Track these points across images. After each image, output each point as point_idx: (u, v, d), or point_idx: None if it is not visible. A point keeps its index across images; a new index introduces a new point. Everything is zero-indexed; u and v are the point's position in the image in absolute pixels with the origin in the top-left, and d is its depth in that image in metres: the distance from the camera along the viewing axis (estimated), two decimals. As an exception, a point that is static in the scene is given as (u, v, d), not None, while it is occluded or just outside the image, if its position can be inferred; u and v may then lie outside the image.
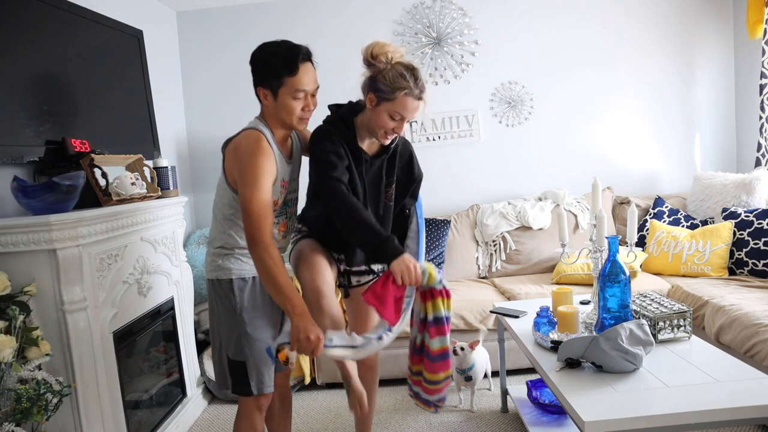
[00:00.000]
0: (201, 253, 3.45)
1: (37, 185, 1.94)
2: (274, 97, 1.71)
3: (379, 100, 1.75)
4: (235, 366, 1.79)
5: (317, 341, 1.57)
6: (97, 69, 2.50)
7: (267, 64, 1.68)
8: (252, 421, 1.83)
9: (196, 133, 3.80)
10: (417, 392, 1.92)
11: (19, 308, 1.78)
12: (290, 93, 1.69)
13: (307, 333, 1.57)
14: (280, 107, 1.72)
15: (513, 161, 3.82)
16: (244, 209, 1.63)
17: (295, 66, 1.67)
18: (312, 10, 3.74)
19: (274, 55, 1.68)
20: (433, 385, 1.84)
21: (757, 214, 3.03)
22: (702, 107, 3.80)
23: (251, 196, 1.62)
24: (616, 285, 1.91)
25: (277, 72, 1.67)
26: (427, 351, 1.80)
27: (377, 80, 1.74)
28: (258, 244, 1.60)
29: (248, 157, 1.66)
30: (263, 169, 1.65)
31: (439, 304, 1.76)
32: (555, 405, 2.38)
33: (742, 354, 2.31)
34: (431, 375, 1.82)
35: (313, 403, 2.91)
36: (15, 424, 1.67)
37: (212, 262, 1.81)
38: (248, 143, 1.68)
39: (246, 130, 1.74)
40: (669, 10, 3.72)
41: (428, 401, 1.90)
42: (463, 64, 3.77)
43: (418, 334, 1.84)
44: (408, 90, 1.72)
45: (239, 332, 1.77)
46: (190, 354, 2.89)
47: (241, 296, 1.77)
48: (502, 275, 3.52)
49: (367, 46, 1.77)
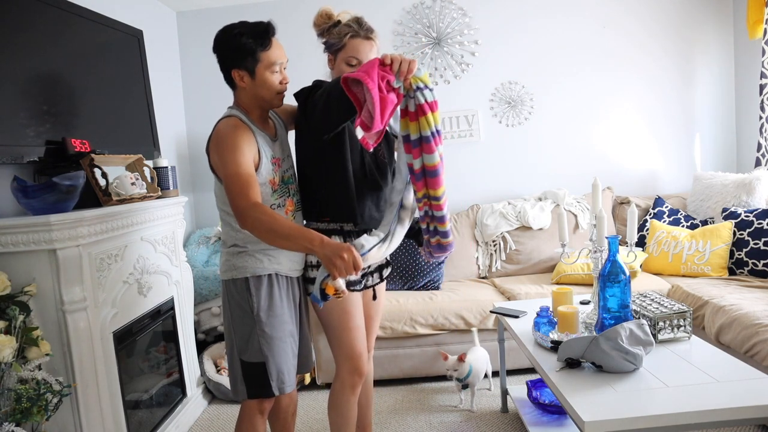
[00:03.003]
0: (201, 253, 3.45)
1: (37, 185, 1.94)
2: (251, 76, 1.71)
3: (334, 55, 1.86)
4: (252, 368, 1.76)
5: (351, 255, 1.50)
6: (97, 69, 2.50)
7: (238, 44, 1.68)
8: (254, 423, 1.82)
9: (196, 133, 3.81)
10: (432, 231, 1.86)
11: (19, 308, 1.78)
12: (267, 68, 1.71)
13: (339, 253, 1.49)
14: (258, 85, 1.72)
15: (513, 161, 3.82)
16: (226, 186, 1.62)
17: (267, 40, 1.70)
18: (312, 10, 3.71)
19: (243, 35, 1.68)
20: (440, 200, 1.79)
21: (757, 214, 3.03)
22: (702, 107, 3.81)
23: (229, 172, 1.61)
24: (616, 285, 1.91)
25: (250, 49, 1.68)
26: (428, 169, 1.73)
27: (327, 40, 1.87)
28: (245, 209, 1.57)
29: (223, 139, 1.66)
30: (238, 144, 1.64)
31: (431, 119, 1.67)
32: (555, 405, 2.38)
33: (742, 354, 2.32)
34: (436, 190, 1.76)
35: (313, 403, 2.91)
36: (15, 424, 1.67)
37: (227, 262, 1.80)
38: (221, 128, 1.69)
39: (219, 121, 1.74)
40: (669, 10, 3.72)
41: (448, 244, 1.87)
42: (463, 64, 3.77)
43: (414, 160, 1.75)
44: (353, 32, 1.82)
45: (257, 333, 1.75)
46: (190, 354, 2.89)
47: (258, 295, 1.75)
48: (502, 275, 3.52)
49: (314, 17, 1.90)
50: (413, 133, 1.70)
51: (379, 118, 1.53)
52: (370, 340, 2.13)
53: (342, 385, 1.93)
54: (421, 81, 1.64)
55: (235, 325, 1.78)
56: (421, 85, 1.64)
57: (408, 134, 1.71)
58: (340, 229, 1.88)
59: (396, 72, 1.57)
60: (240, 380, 1.79)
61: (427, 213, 1.84)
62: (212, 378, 3.02)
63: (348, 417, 1.95)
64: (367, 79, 1.49)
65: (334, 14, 1.88)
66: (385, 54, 1.58)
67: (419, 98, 1.64)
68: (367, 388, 2.17)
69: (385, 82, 1.54)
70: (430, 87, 1.67)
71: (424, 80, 1.65)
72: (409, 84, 1.62)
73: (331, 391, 1.97)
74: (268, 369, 1.75)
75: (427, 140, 1.68)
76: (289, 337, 1.80)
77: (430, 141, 1.68)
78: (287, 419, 2.02)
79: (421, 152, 1.71)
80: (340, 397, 1.94)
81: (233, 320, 1.79)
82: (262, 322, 1.74)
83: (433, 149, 1.69)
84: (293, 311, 1.84)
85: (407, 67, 1.58)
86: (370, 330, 2.11)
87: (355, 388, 1.94)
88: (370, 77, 1.50)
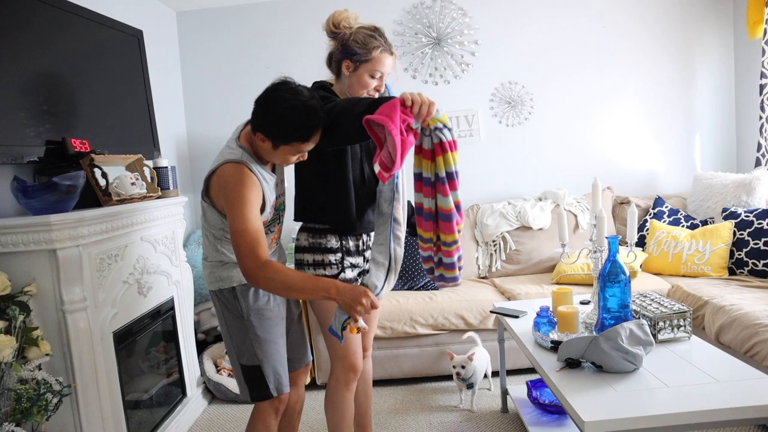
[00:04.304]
0: (201, 254, 3.45)
1: (37, 185, 1.94)
2: (272, 147, 1.64)
3: (357, 64, 1.82)
4: (250, 371, 1.78)
5: (369, 299, 1.57)
6: (97, 69, 2.50)
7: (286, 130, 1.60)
8: (267, 424, 1.83)
9: (196, 133, 3.81)
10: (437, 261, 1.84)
11: (19, 308, 1.78)
12: (291, 151, 1.65)
13: (358, 299, 1.55)
14: (275, 155, 1.67)
15: (513, 161, 3.82)
16: (234, 240, 1.58)
17: (310, 136, 1.62)
18: (312, 10, 3.74)
19: (292, 122, 1.59)
20: (450, 246, 1.77)
21: (757, 214, 3.03)
22: (702, 107, 3.81)
23: (238, 228, 1.57)
24: (616, 285, 1.91)
25: (289, 135, 1.61)
26: (441, 212, 1.72)
27: (349, 47, 1.82)
28: (256, 270, 1.55)
29: (232, 189, 1.61)
30: (247, 198, 1.60)
31: (450, 159, 1.67)
32: (555, 405, 2.38)
33: (742, 354, 2.32)
34: (447, 236, 1.75)
35: (313, 403, 2.91)
36: (15, 424, 1.67)
37: (212, 274, 1.79)
38: (231, 176, 1.63)
39: (227, 163, 1.65)
40: (669, 10, 3.72)
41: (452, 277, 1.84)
42: (463, 64, 3.77)
43: (425, 198, 1.75)
44: (382, 47, 1.82)
45: (250, 337, 1.76)
46: (190, 354, 2.89)
47: (246, 301, 1.76)
48: (502, 275, 3.52)
49: (327, 19, 1.85)
50: (426, 171, 1.71)
51: (400, 162, 1.57)
52: (368, 339, 2.14)
53: (337, 382, 1.95)
54: (440, 122, 1.65)
55: (231, 330, 1.80)
56: (439, 126, 1.65)
57: (420, 172, 1.73)
58: (336, 229, 1.90)
59: (416, 114, 1.59)
60: (243, 383, 1.81)
61: (431, 257, 1.84)
62: (212, 378, 3.02)
63: (344, 413, 1.96)
64: (390, 124, 1.51)
65: (349, 19, 1.83)
66: (405, 94, 1.59)
67: (438, 137, 1.66)
68: (366, 388, 2.17)
69: (404, 123, 1.56)
70: (449, 127, 1.66)
71: (443, 121, 1.65)
72: (427, 124, 1.64)
73: (327, 388, 1.99)
74: (264, 371, 1.77)
75: (442, 181, 1.68)
76: (281, 338, 1.82)
77: (444, 183, 1.68)
78: (293, 417, 2.05)
79: (435, 193, 1.71)
80: (335, 394, 1.96)
81: (228, 326, 1.80)
82: (254, 326, 1.76)
83: (447, 192, 1.68)
84: (284, 311, 1.85)
85: (426, 110, 1.59)
86: (370, 328, 2.12)
87: (350, 385, 1.96)
88: (392, 121, 1.51)
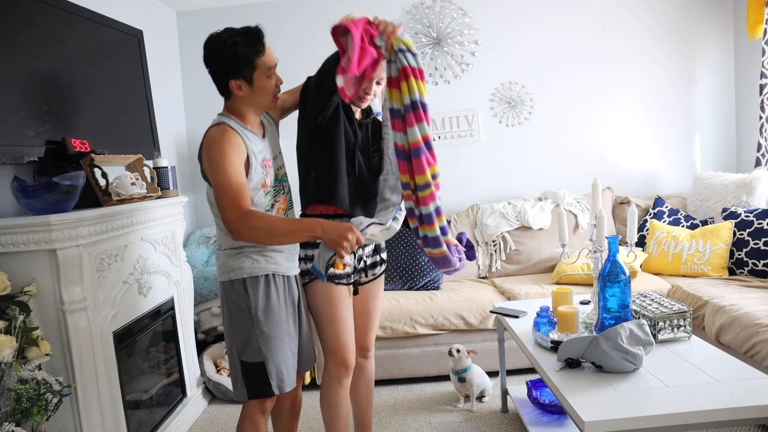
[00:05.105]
0: (201, 253, 3.45)
1: (37, 185, 1.94)
2: (249, 84, 1.72)
3: None
4: (251, 368, 1.77)
5: (354, 235, 1.59)
6: (97, 69, 2.50)
7: (233, 54, 1.66)
8: (256, 423, 1.83)
9: (196, 133, 3.80)
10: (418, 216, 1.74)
11: (19, 308, 1.78)
12: (264, 73, 1.71)
13: (344, 234, 1.58)
14: (257, 91, 1.73)
15: (513, 161, 3.82)
16: (217, 198, 1.64)
17: (261, 45, 1.69)
18: (312, 10, 3.74)
19: (236, 44, 1.66)
20: (424, 191, 1.69)
21: (757, 214, 3.03)
22: (702, 107, 3.81)
23: (219, 183, 1.63)
24: (616, 285, 1.91)
25: (247, 58, 1.67)
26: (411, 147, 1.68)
27: None
28: (238, 220, 1.60)
29: (211, 146, 1.67)
30: (226, 152, 1.65)
31: (414, 86, 1.66)
32: (555, 405, 2.38)
33: (742, 354, 2.32)
34: (419, 176, 1.68)
35: (314, 403, 2.91)
36: (15, 424, 1.67)
37: (223, 264, 1.80)
38: (210, 136, 1.70)
39: (208, 129, 1.74)
40: (669, 10, 3.72)
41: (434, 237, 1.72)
42: (463, 64, 3.77)
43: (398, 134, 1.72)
44: None
45: (255, 333, 1.75)
46: (190, 354, 2.89)
47: (255, 296, 1.75)
48: (502, 275, 3.52)
49: None
50: (395, 102, 1.71)
51: (356, 63, 1.59)
52: (369, 339, 2.13)
53: (329, 378, 1.96)
54: (404, 43, 1.67)
55: (234, 326, 1.79)
56: (403, 47, 1.66)
57: (392, 107, 1.72)
58: (333, 215, 1.89)
59: (381, 32, 1.65)
60: (240, 381, 1.79)
61: (413, 211, 1.75)
62: (212, 378, 3.02)
63: (338, 409, 1.96)
64: (351, 25, 1.61)
65: None
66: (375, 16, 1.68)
67: (401, 60, 1.66)
68: (368, 388, 2.17)
69: (368, 36, 1.63)
70: (414, 51, 1.68)
71: (407, 43, 1.67)
72: (391, 46, 1.66)
73: (321, 385, 2.00)
74: (267, 368, 1.75)
75: (407, 110, 1.67)
76: (287, 336, 1.81)
77: (409, 111, 1.66)
78: (291, 419, 2.03)
79: (404, 126, 1.69)
80: (327, 390, 1.96)
81: (232, 321, 1.79)
82: (261, 322, 1.75)
83: (413, 122, 1.67)
84: (292, 310, 1.84)
85: (392, 29, 1.65)
86: (370, 327, 2.12)
87: (342, 380, 1.96)
88: (355, 25, 1.61)
